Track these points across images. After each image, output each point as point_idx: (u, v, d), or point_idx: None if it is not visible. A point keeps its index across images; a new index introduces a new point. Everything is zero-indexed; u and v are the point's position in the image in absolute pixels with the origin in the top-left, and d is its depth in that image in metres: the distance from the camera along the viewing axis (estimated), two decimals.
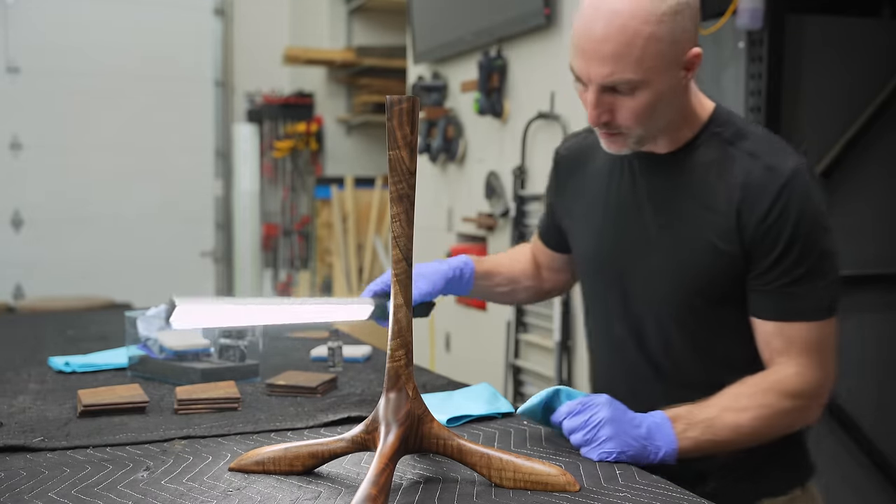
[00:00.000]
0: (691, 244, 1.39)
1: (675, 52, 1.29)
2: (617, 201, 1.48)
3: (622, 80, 1.28)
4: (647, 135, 1.36)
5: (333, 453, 1.22)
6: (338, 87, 6.37)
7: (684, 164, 1.41)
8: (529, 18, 3.33)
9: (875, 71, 2.98)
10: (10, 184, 6.05)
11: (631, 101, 1.31)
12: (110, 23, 6.23)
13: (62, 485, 1.18)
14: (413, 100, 1.13)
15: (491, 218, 3.71)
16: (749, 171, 1.35)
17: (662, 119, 1.35)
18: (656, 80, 1.29)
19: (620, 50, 1.26)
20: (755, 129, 1.41)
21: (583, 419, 1.27)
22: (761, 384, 1.35)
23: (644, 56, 1.26)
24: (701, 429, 1.31)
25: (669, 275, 1.42)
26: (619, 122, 1.34)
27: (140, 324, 1.85)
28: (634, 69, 1.27)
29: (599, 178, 1.52)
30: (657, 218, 1.43)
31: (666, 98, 1.32)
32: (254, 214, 6.54)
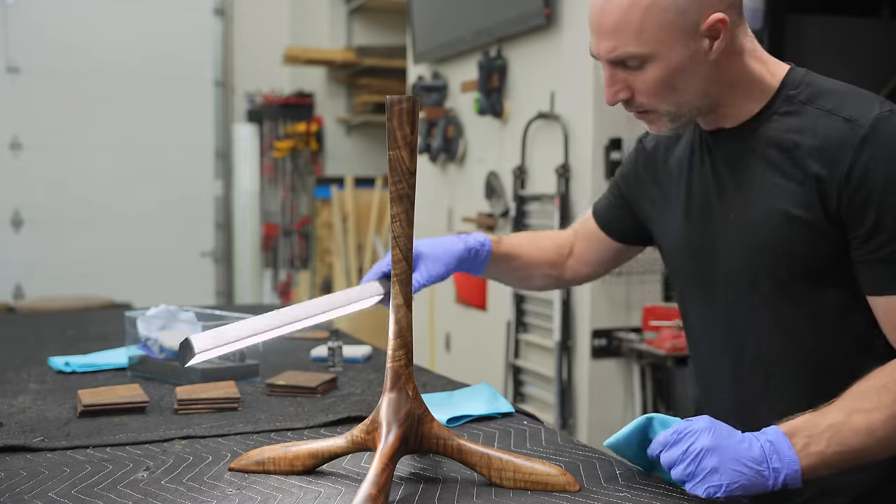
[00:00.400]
0: (769, 219, 1.24)
1: (685, 21, 1.18)
2: (698, 185, 1.35)
3: (626, 55, 1.21)
4: (680, 112, 1.25)
5: (333, 453, 1.22)
6: (338, 87, 6.37)
7: (757, 135, 1.26)
8: (529, 18, 3.33)
9: (875, 71, 2.98)
10: (10, 184, 6.06)
11: (643, 76, 1.22)
12: (110, 22, 6.23)
13: (62, 485, 1.18)
14: (413, 100, 1.13)
15: (491, 218, 3.71)
16: (826, 129, 1.19)
17: (690, 93, 1.23)
18: (665, 53, 1.19)
19: (619, 23, 1.19)
20: (837, 84, 1.25)
21: (681, 450, 1.08)
22: (893, 375, 1.15)
23: (644, 27, 1.18)
24: (826, 440, 1.10)
25: (750, 254, 1.27)
26: (639, 100, 1.25)
27: (140, 324, 1.85)
28: (636, 42, 1.19)
29: (681, 163, 1.39)
30: (735, 196, 1.29)
31: (686, 71, 1.21)
32: (254, 214, 6.54)
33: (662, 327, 2.96)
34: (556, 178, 3.26)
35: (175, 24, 6.43)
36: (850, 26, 2.95)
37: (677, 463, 1.08)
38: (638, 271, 3.15)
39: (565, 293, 3.22)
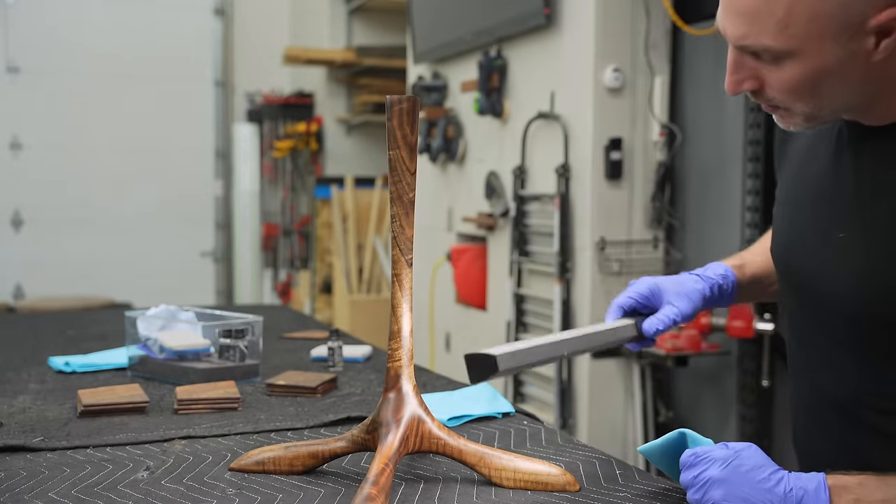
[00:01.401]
0: (887, 251, 1.02)
1: (848, 15, 0.93)
2: (816, 181, 1.13)
3: (760, 47, 0.98)
4: (820, 114, 1.04)
5: (333, 453, 1.22)
6: (338, 87, 6.37)
7: None
8: (529, 18, 3.33)
9: None
10: (10, 184, 6.06)
11: (778, 73, 1.00)
12: (110, 22, 6.24)
13: (62, 485, 1.18)
14: (413, 100, 1.13)
15: (491, 218, 3.71)
16: None
17: (836, 97, 1.01)
18: (813, 51, 0.96)
19: (759, 7, 0.96)
20: None
21: (692, 475, 1.03)
22: None
23: (791, 18, 0.94)
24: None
25: (854, 289, 1.05)
26: (770, 95, 1.03)
27: (140, 324, 1.85)
28: (775, 35, 0.96)
29: (807, 150, 1.16)
30: (856, 208, 1.06)
31: (836, 73, 0.98)
32: (254, 214, 6.55)
33: None
34: (556, 178, 3.26)
35: (175, 24, 6.43)
36: None
37: (688, 487, 1.04)
38: (638, 271, 3.15)
39: (565, 293, 3.22)
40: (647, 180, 3.20)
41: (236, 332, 1.80)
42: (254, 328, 1.82)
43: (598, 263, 3.14)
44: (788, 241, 1.17)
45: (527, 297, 3.53)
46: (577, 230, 3.20)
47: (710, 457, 1.02)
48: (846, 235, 1.06)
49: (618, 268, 3.15)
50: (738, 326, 2.77)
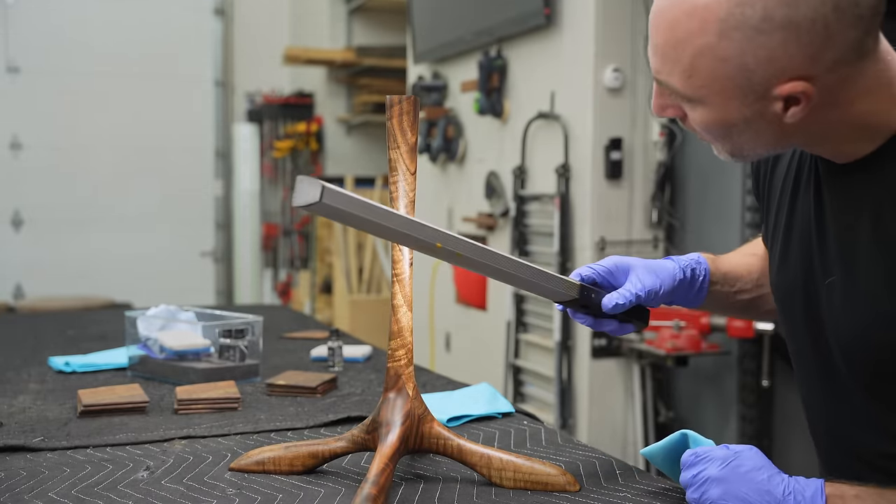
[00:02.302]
0: (873, 294, 0.99)
1: (749, 81, 0.92)
2: (800, 221, 1.10)
3: (672, 89, 0.98)
4: (742, 153, 1.02)
5: (333, 453, 1.22)
6: (338, 87, 6.37)
7: (870, 182, 0.99)
8: (529, 18, 3.33)
9: None
10: (10, 184, 6.06)
11: (691, 112, 1.00)
12: (110, 22, 6.24)
13: (62, 485, 1.18)
14: (413, 100, 1.13)
15: (491, 218, 3.71)
16: None
17: (747, 144, 1.00)
18: (714, 104, 0.96)
19: (667, 50, 0.96)
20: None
21: (691, 475, 1.03)
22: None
23: (694, 71, 0.94)
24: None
25: (846, 335, 1.03)
26: (691, 126, 1.03)
27: (140, 324, 1.85)
28: (682, 81, 0.96)
29: (787, 183, 1.14)
30: (836, 255, 1.03)
31: (740, 128, 0.97)
32: (254, 214, 6.55)
33: (662, 327, 2.96)
34: (556, 177, 3.26)
35: (175, 24, 6.43)
36: None
37: (688, 486, 1.04)
38: None
39: None
40: (647, 180, 3.20)
41: (236, 332, 1.80)
42: (254, 328, 1.82)
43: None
44: (790, 280, 1.13)
45: (527, 297, 3.53)
46: (577, 230, 3.20)
47: (709, 456, 1.03)
48: (834, 281, 1.04)
49: None
50: (739, 326, 2.77)
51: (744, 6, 0.88)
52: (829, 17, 0.88)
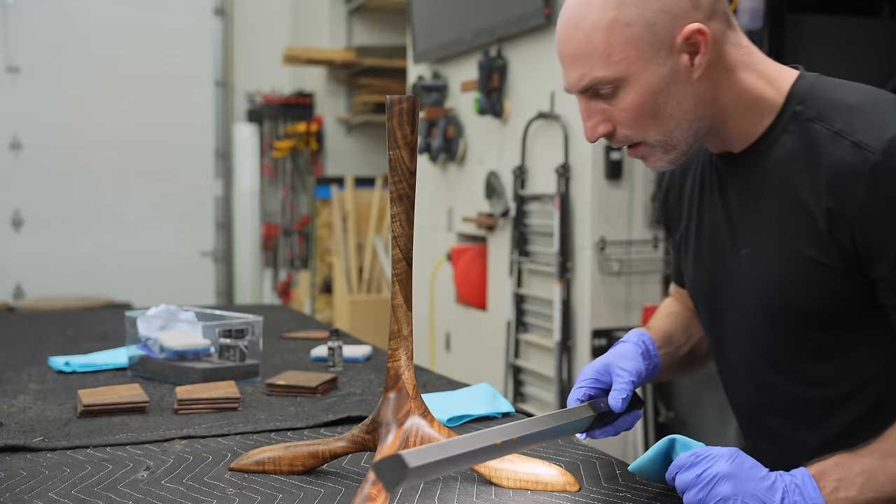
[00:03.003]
0: (781, 261, 1.12)
1: (656, 36, 1.07)
2: (708, 218, 1.24)
3: (595, 81, 1.10)
4: (671, 140, 1.13)
5: (333, 453, 1.22)
6: (338, 87, 6.37)
7: (765, 161, 1.14)
8: (529, 18, 3.33)
9: (875, 71, 2.98)
10: (10, 184, 6.06)
11: (620, 104, 1.11)
12: (110, 22, 6.24)
13: (62, 485, 1.18)
14: (413, 99, 1.13)
15: (491, 218, 3.71)
16: (835, 156, 1.05)
17: (677, 118, 1.11)
18: (638, 74, 1.08)
19: (583, 47, 1.08)
20: (850, 94, 1.10)
21: (695, 474, 1.01)
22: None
23: (611, 48, 1.07)
24: (859, 485, 1.00)
25: (762, 304, 1.16)
26: (622, 133, 1.13)
27: (140, 324, 1.85)
28: (604, 65, 1.08)
29: (692, 192, 1.28)
30: (746, 230, 1.18)
31: (667, 92, 1.09)
32: (254, 214, 6.55)
33: None
34: (557, 177, 3.26)
35: (175, 24, 6.43)
36: (850, 26, 2.95)
37: (690, 487, 1.01)
38: (638, 271, 3.15)
39: (565, 293, 3.22)
40: (647, 180, 3.20)
41: (236, 332, 1.80)
42: (254, 328, 1.82)
43: (598, 263, 3.14)
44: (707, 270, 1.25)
45: (527, 297, 3.53)
46: (577, 230, 3.20)
47: (713, 454, 1.02)
48: (749, 251, 1.17)
49: (618, 268, 3.15)
50: None
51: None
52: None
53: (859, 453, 1.03)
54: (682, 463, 1.04)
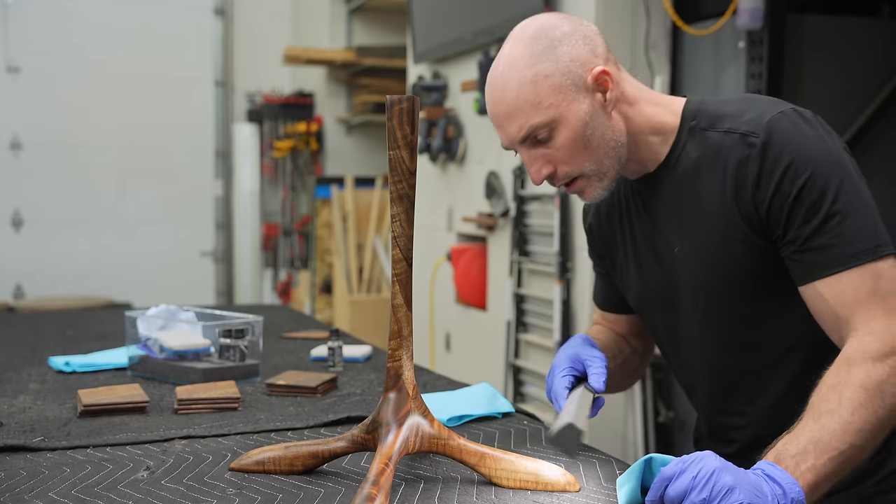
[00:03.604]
0: (709, 248, 1.31)
1: (572, 80, 1.26)
2: (639, 231, 1.42)
3: (534, 127, 1.27)
4: (602, 168, 1.31)
5: (333, 453, 1.22)
6: (338, 87, 6.37)
7: (676, 173, 1.34)
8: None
9: (875, 71, 2.98)
10: (10, 184, 6.06)
11: (557, 144, 1.28)
12: (110, 23, 6.24)
13: (62, 485, 1.18)
14: (413, 99, 1.13)
15: (491, 218, 3.71)
16: (730, 149, 1.26)
17: (604, 147, 1.29)
18: (567, 114, 1.26)
19: (516, 102, 1.26)
20: (731, 104, 1.32)
21: (690, 476, 1.01)
22: (840, 367, 1.15)
23: (539, 97, 1.26)
24: (813, 453, 1.07)
25: (701, 287, 1.34)
26: (563, 171, 1.30)
27: (140, 324, 1.85)
28: (538, 112, 1.26)
29: (620, 217, 1.46)
30: (673, 232, 1.36)
31: (591, 125, 1.28)
32: (254, 214, 6.55)
33: None
34: None
35: (175, 24, 6.43)
36: (850, 26, 2.95)
37: (689, 491, 1.00)
38: None
39: (565, 293, 3.22)
40: None
41: (236, 332, 1.80)
42: (254, 328, 1.82)
43: None
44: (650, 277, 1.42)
45: (527, 297, 3.53)
46: (577, 230, 3.20)
47: (699, 456, 1.03)
48: (680, 248, 1.36)
49: None
50: None
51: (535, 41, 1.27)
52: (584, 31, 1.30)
53: (797, 428, 1.11)
54: (670, 474, 1.03)
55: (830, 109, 2.91)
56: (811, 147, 1.21)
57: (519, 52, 1.27)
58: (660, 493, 1.03)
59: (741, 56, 2.82)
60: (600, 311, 1.62)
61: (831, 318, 1.21)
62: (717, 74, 2.95)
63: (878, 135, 2.95)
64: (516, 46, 1.27)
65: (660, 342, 1.52)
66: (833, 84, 2.92)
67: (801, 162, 1.20)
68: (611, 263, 1.52)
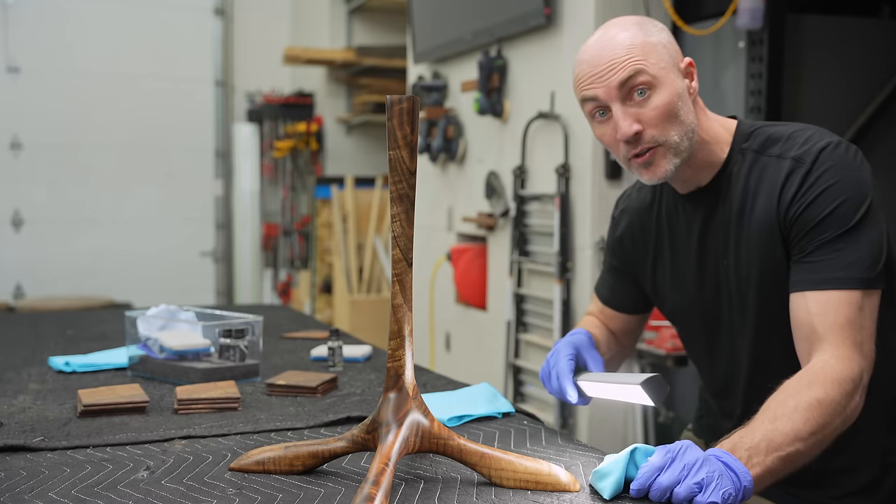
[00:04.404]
0: (758, 269, 1.39)
1: (673, 58, 1.38)
2: (684, 250, 1.49)
3: (642, 73, 1.34)
4: (681, 144, 1.37)
5: (333, 453, 1.22)
6: (338, 87, 6.37)
7: (728, 191, 1.42)
8: (529, 18, 3.33)
9: (875, 71, 2.98)
10: (10, 184, 6.06)
11: (651, 105, 1.34)
12: (110, 23, 6.24)
13: (62, 485, 1.18)
14: (413, 99, 1.13)
15: (491, 217, 3.71)
16: (779, 172, 1.36)
17: (687, 124, 1.37)
18: (667, 80, 1.35)
19: (629, 52, 1.34)
20: (783, 129, 1.41)
21: (682, 465, 1.08)
22: (802, 379, 1.25)
23: (649, 56, 1.34)
24: (764, 449, 1.15)
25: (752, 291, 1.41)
26: (650, 133, 1.35)
27: (140, 324, 1.85)
28: (647, 65, 1.34)
29: (659, 234, 1.54)
30: (723, 253, 1.43)
31: (682, 100, 1.36)
32: (254, 214, 6.55)
33: (662, 327, 2.96)
34: (557, 177, 3.26)
35: (175, 24, 6.43)
36: (850, 26, 2.95)
37: (683, 479, 1.06)
38: None
39: (565, 293, 3.22)
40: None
41: (236, 332, 1.80)
42: (254, 328, 1.82)
43: (598, 263, 3.14)
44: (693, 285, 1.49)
45: (527, 296, 3.53)
46: (577, 230, 3.20)
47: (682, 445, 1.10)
48: (727, 261, 1.43)
49: None
50: None
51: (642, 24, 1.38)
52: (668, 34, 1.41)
53: (753, 425, 1.19)
54: (662, 463, 1.08)
55: (830, 109, 2.91)
56: (852, 177, 1.32)
57: (626, 24, 1.37)
58: (649, 481, 1.08)
59: (741, 56, 2.82)
60: (602, 304, 1.67)
61: (808, 329, 1.30)
62: (717, 74, 2.95)
63: (879, 134, 2.95)
64: (620, 22, 1.38)
65: (693, 347, 1.59)
66: (833, 84, 2.92)
67: (841, 188, 1.30)
68: (642, 272, 1.59)
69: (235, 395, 1.58)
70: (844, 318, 1.28)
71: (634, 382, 1.27)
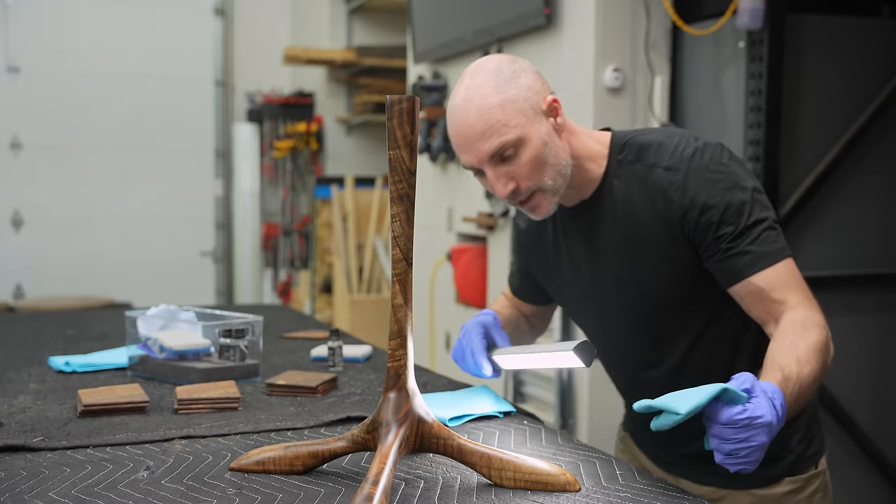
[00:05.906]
0: (644, 271, 1.49)
1: (531, 105, 1.44)
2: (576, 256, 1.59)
3: (505, 144, 1.42)
4: (556, 185, 1.47)
5: (333, 453, 1.22)
6: (338, 87, 6.37)
7: (609, 200, 1.52)
8: (529, 18, 3.33)
9: (874, 71, 2.98)
10: (10, 184, 6.06)
11: (521, 161, 1.43)
12: (110, 23, 6.23)
13: (62, 485, 1.18)
14: (413, 99, 1.13)
15: (491, 217, 3.71)
16: (655, 180, 1.46)
17: (558, 165, 1.46)
18: (530, 133, 1.43)
19: (490, 123, 1.42)
20: (651, 137, 1.51)
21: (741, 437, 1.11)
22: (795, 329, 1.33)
23: (507, 119, 1.42)
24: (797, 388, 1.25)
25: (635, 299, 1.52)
26: (525, 185, 1.45)
27: (140, 324, 1.85)
28: (507, 131, 1.42)
29: (556, 243, 1.65)
30: (611, 258, 1.53)
31: (548, 145, 1.45)
32: (254, 214, 6.55)
33: None
34: None
35: (175, 24, 6.43)
36: (850, 26, 2.95)
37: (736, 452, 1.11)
38: None
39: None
40: None
41: (236, 332, 1.80)
42: (254, 328, 1.82)
43: None
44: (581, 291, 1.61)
45: None
46: None
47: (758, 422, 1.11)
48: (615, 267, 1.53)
49: None
50: None
51: (498, 73, 1.45)
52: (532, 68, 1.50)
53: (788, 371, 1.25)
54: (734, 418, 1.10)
55: (830, 109, 2.91)
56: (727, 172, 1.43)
57: (483, 81, 1.44)
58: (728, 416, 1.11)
59: (741, 56, 2.81)
60: (514, 296, 1.83)
61: (767, 303, 1.39)
62: (717, 74, 2.95)
63: (878, 135, 2.95)
64: (479, 78, 1.45)
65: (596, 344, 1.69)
66: (833, 84, 2.92)
67: (723, 186, 1.42)
68: (540, 274, 1.72)
69: (235, 395, 1.58)
70: (793, 282, 1.40)
71: (566, 349, 1.34)
